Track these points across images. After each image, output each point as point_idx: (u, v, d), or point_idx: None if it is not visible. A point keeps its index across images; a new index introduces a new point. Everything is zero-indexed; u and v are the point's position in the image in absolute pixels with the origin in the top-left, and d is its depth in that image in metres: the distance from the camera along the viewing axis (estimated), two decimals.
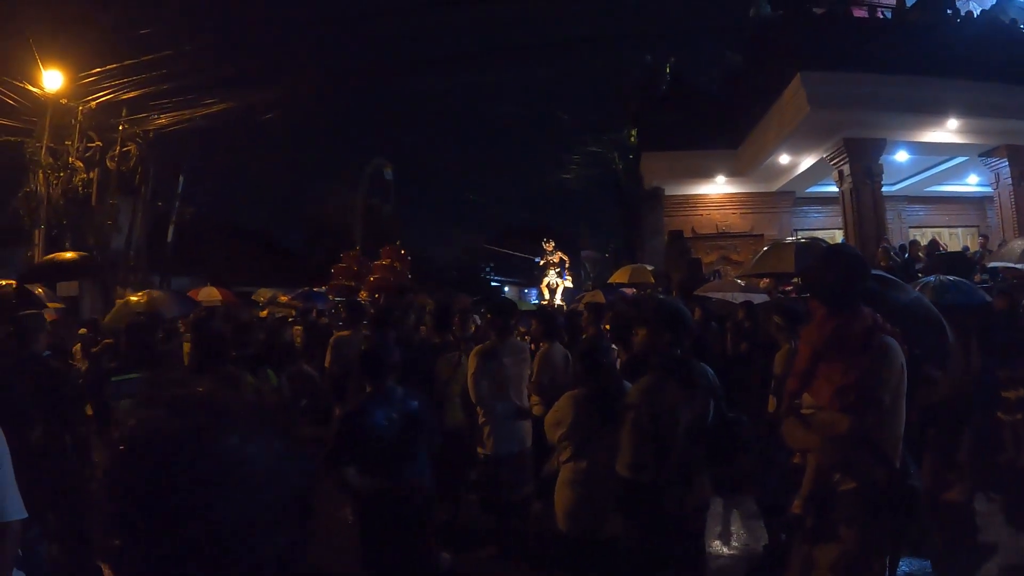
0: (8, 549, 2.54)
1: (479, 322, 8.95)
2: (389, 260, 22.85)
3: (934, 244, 16.31)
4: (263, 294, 19.27)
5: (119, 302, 12.39)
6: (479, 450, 6.20)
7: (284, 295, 17.70)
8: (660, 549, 3.79)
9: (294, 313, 14.70)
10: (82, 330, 10.74)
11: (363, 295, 20.33)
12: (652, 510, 3.72)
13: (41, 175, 18.85)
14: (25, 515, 2.60)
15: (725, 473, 5.07)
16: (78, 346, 9.87)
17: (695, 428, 3.75)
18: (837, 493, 3.08)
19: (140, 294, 11.52)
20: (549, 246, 25.19)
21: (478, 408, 6.18)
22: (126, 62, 19.00)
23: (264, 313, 14.03)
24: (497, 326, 6.38)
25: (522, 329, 9.64)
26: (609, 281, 15.31)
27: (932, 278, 6.96)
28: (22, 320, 5.83)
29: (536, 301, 27.75)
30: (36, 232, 18.90)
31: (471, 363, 6.18)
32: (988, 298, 6.95)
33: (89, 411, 5.85)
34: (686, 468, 3.75)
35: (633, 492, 3.75)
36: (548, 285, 24.62)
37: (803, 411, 3.29)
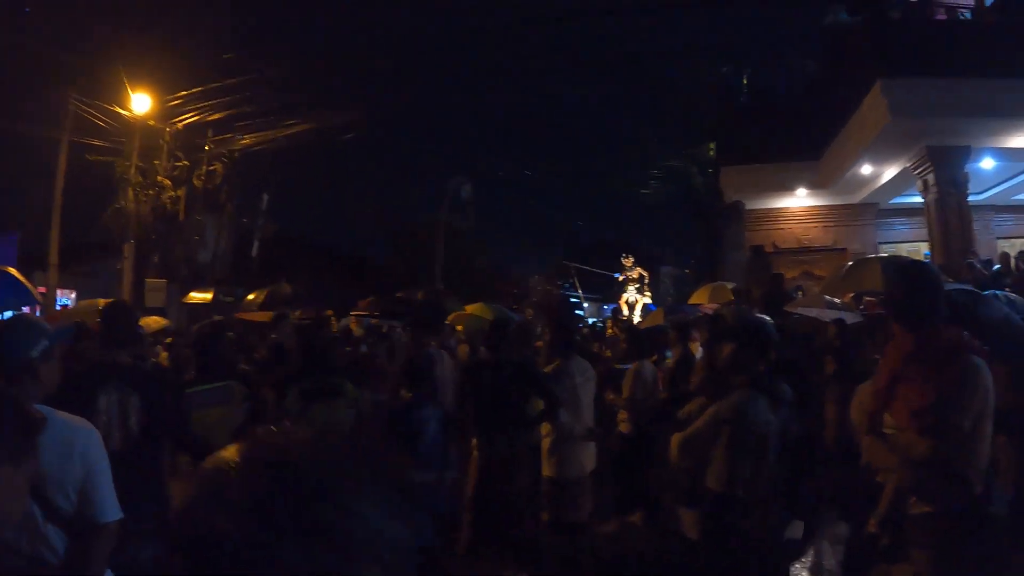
0: (105, 548, 2.62)
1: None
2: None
3: (1023, 256, 15.68)
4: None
5: None
6: (545, 473, 5.85)
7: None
8: (736, 563, 3.76)
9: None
10: (169, 339, 10.98)
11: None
12: (735, 526, 3.70)
13: (131, 192, 19.62)
14: (121, 516, 2.67)
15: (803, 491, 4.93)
16: (164, 355, 9.88)
17: (780, 445, 3.72)
18: (911, 516, 3.01)
19: None
20: (628, 261, 24.99)
21: (543, 429, 5.86)
22: (211, 85, 19.68)
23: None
24: (561, 344, 6.09)
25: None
26: (689, 302, 15.11)
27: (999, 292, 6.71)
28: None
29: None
30: (125, 246, 19.64)
31: None
32: None
33: None
34: (772, 485, 3.72)
35: (722, 506, 3.74)
36: (627, 301, 24.44)
37: (884, 430, 3.22)
